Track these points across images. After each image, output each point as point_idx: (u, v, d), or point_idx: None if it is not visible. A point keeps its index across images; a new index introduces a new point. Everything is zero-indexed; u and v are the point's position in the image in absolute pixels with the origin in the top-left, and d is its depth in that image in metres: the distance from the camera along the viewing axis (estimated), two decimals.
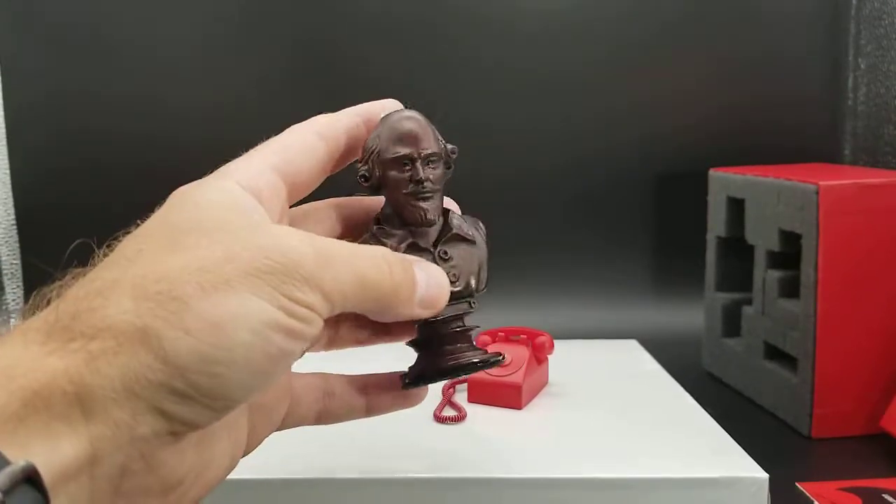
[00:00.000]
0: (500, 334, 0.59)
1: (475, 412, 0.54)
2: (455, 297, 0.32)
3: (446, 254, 0.33)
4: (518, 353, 0.56)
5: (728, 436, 0.51)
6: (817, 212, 0.59)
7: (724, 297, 0.75)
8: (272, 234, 0.27)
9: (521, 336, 0.58)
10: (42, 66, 0.86)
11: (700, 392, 0.59)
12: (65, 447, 0.23)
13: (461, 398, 0.56)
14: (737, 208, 0.72)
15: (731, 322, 0.74)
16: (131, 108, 0.87)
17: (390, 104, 0.34)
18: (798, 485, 0.52)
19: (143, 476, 0.25)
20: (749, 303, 0.71)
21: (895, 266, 0.60)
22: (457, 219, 0.34)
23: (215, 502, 0.31)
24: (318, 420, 0.36)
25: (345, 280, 0.27)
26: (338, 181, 0.35)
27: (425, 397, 0.37)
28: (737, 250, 0.72)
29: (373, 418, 0.37)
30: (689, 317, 0.84)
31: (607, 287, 0.90)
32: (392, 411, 0.37)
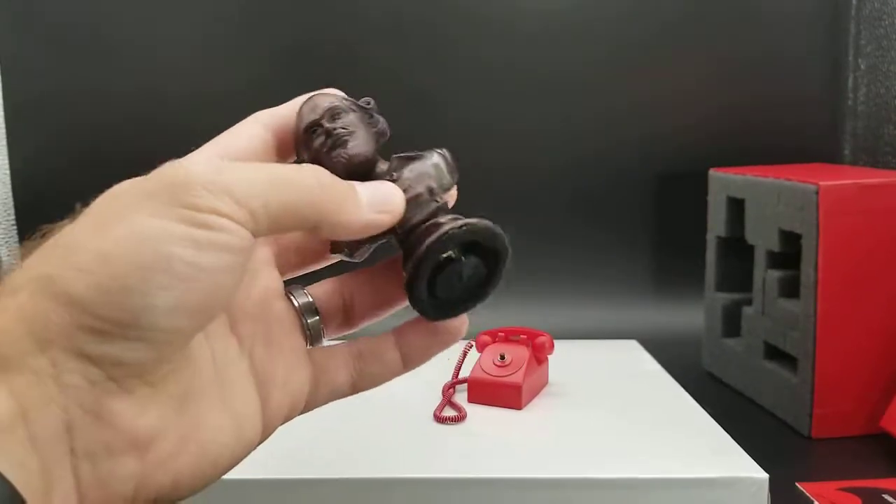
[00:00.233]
0: (500, 334, 0.59)
1: (475, 412, 0.54)
2: (416, 200, 0.32)
3: (392, 176, 0.32)
4: (518, 353, 0.56)
5: (728, 436, 0.51)
6: (817, 212, 0.59)
7: (724, 297, 0.75)
8: (171, 165, 0.26)
9: (521, 336, 0.58)
10: (42, 66, 0.86)
11: (700, 392, 0.59)
12: None
13: (461, 398, 0.56)
14: (737, 208, 0.72)
15: (731, 322, 0.74)
16: (131, 108, 0.87)
17: (327, 91, 0.34)
18: (798, 485, 0.52)
19: (96, 431, 0.24)
20: (749, 303, 0.71)
21: (895, 266, 0.60)
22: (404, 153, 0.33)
23: (215, 502, 0.31)
24: (354, 387, 0.33)
25: (253, 178, 0.26)
26: None
27: (462, 332, 0.34)
28: (737, 250, 0.72)
29: (372, 418, 0.37)
30: (689, 317, 0.84)
31: (607, 287, 0.90)
32: (430, 356, 0.34)
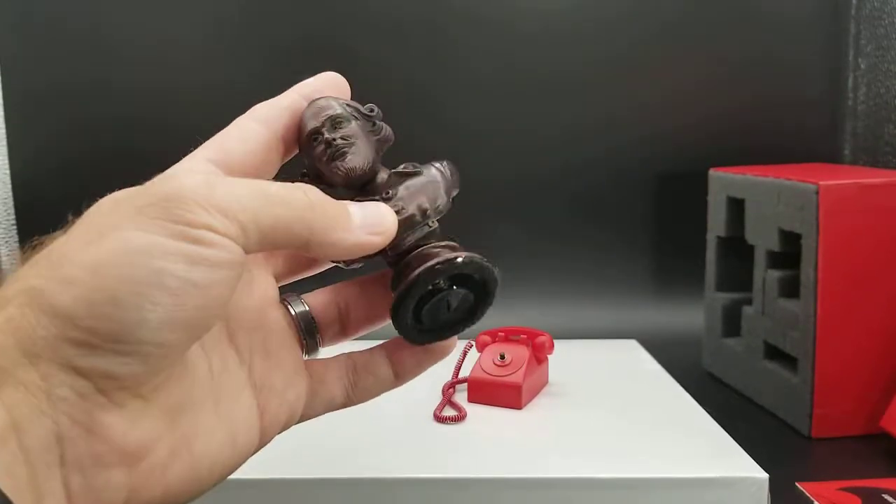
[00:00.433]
0: (500, 334, 0.59)
1: (475, 412, 0.54)
2: (408, 223, 0.32)
3: (388, 193, 0.32)
4: (518, 353, 0.56)
5: (728, 436, 0.51)
6: (817, 212, 0.59)
7: (724, 297, 0.75)
8: (163, 179, 0.26)
9: (521, 336, 0.58)
10: (42, 66, 0.86)
11: (700, 392, 0.59)
12: None
13: (461, 398, 0.56)
14: (737, 208, 0.72)
15: (731, 322, 0.74)
16: (132, 108, 0.87)
17: (326, 77, 0.33)
18: (798, 485, 0.52)
19: (87, 443, 0.24)
20: (749, 303, 0.71)
21: (895, 266, 0.60)
22: (403, 166, 0.33)
23: (215, 502, 0.31)
24: (348, 400, 0.34)
25: (244, 194, 0.26)
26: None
27: (451, 348, 0.35)
28: (737, 250, 0.72)
29: (372, 418, 0.37)
30: (689, 317, 0.84)
31: (607, 287, 0.90)
32: (422, 370, 0.35)
